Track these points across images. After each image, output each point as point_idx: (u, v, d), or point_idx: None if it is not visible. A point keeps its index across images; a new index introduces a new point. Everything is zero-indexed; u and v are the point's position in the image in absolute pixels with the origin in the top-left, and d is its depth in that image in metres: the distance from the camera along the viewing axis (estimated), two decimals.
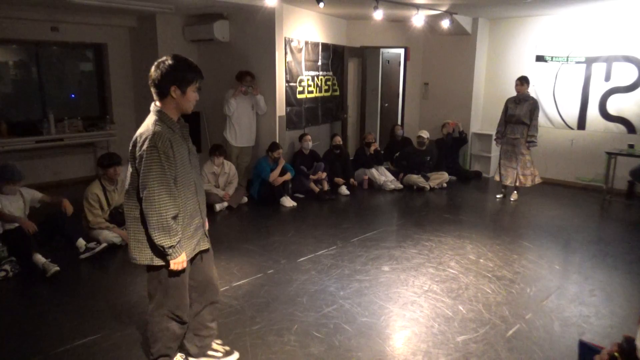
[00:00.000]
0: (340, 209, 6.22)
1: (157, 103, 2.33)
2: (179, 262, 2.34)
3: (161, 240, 2.25)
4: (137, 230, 2.36)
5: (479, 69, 7.94)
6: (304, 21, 6.95)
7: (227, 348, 2.84)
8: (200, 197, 2.51)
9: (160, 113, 2.31)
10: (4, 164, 4.24)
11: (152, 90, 2.32)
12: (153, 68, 2.29)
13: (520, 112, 6.14)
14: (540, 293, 3.78)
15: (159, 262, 2.37)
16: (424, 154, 7.22)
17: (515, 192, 6.49)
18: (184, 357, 2.75)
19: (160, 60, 2.30)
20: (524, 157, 6.22)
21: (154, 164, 2.20)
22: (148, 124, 2.29)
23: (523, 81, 6.16)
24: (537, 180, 6.34)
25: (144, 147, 2.21)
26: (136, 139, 2.28)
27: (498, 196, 6.63)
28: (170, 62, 2.27)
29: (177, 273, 2.42)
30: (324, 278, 3.98)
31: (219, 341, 2.86)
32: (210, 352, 2.78)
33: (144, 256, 2.38)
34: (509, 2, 6.19)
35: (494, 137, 6.66)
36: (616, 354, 1.47)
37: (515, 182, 6.32)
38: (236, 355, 2.83)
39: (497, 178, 6.61)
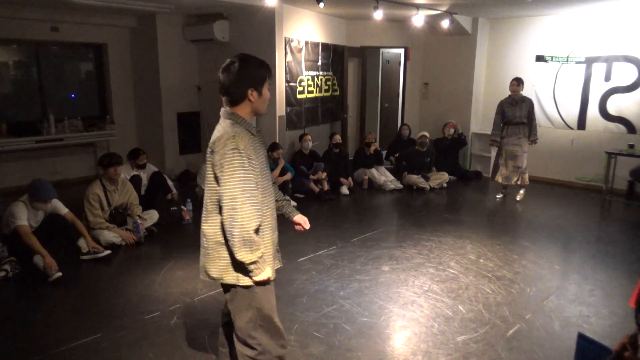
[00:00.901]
0: (340, 209, 6.22)
1: (229, 109, 2.08)
2: (263, 277, 2.06)
3: (242, 255, 1.99)
4: (218, 248, 2.11)
5: (479, 69, 7.94)
6: (304, 21, 6.96)
7: None
8: (275, 210, 2.29)
9: (235, 116, 2.06)
10: (37, 181, 4.16)
11: (225, 97, 2.07)
12: (223, 74, 2.04)
13: (520, 113, 6.19)
14: (540, 293, 3.78)
15: (244, 281, 2.10)
16: (425, 155, 7.21)
17: (521, 190, 6.48)
18: None
19: (227, 63, 2.04)
20: (526, 155, 6.27)
21: (237, 168, 1.95)
22: (225, 127, 2.03)
23: (520, 82, 6.20)
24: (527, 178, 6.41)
25: (225, 149, 1.96)
26: (214, 143, 2.02)
27: (498, 196, 6.62)
28: (239, 63, 2.02)
29: (266, 294, 2.16)
30: (324, 278, 3.98)
31: None
32: None
33: (229, 275, 2.11)
34: (509, 2, 6.19)
35: (490, 140, 6.54)
36: (628, 346, 1.52)
37: (518, 180, 6.31)
38: None
39: (499, 179, 6.49)
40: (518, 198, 6.47)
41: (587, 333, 3.16)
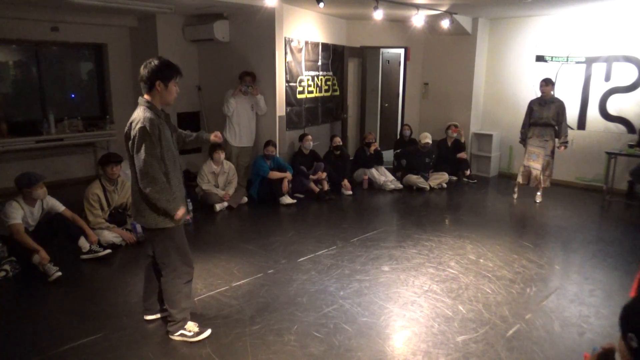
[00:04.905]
0: (340, 209, 6.22)
1: (146, 96, 2.81)
2: (180, 214, 2.83)
3: (153, 197, 2.73)
4: (136, 201, 2.84)
5: (479, 69, 7.94)
6: (304, 21, 6.95)
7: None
8: (179, 173, 2.96)
9: (148, 103, 2.78)
10: (20, 174, 4.16)
11: (142, 85, 2.81)
12: (142, 68, 2.78)
13: (548, 114, 6.06)
14: (540, 293, 3.78)
15: (164, 224, 2.83)
16: (425, 155, 7.21)
17: (538, 193, 6.41)
18: (197, 325, 3.06)
19: (147, 61, 2.78)
20: (549, 159, 6.17)
21: (145, 141, 2.66)
22: (138, 112, 2.75)
23: (548, 82, 6.08)
24: (549, 181, 6.32)
25: (136, 129, 2.67)
26: (130, 124, 2.74)
27: (515, 196, 6.60)
28: (155, 62, 2.77)
29: (180, 232, 2.93)
30: (324, 278, 3.98)
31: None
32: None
33: (150, 221, 2.83)
34: (509, 2, 6.19)
35: (519, 139, 6.47)
36: None
37: (538, 183, 6.22)
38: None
39: (519, 179, 6.44)
40: (537, 200, 6.40)
41: (587, 333, 3.18)
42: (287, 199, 6.19)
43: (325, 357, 2.86)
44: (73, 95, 7.52)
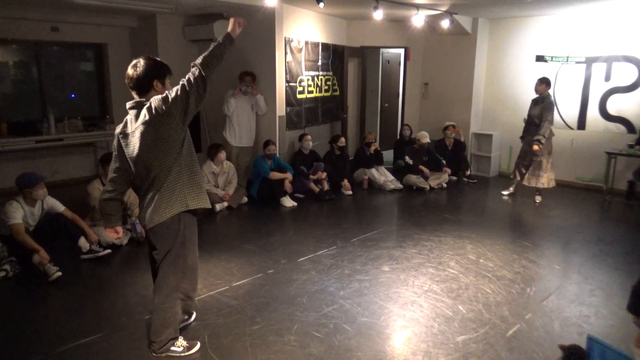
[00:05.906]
0: (340, 209, 6.22)
1: (141, 99, 2.55)
2: (234, 22, 2.70)
3: (222, 46, 2.64)
4: (168, 192, 2.60)
5: (479, 69, 7.94)
6: (304, 21, 6.95)
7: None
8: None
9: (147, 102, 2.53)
10: (22, 173, 4.17)
11: (134, 89, 2.54)
12: (130, 70, 2.52)
13: (535, 112, 6.12)
14: (540, 293, 3.78)
15: (179, 207, 2.61)
16: (422, 154, 7.21)
17: (537, 194, 6.45)
18: (186, 342, 2.90)
19: (133, 62, 2.54)
20: (537, 158, 6.16)
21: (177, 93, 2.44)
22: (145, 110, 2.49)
23: (542, 81, 6.06)
24: (552, 183, 6.28)
25: (162, 100, 2.45)
26: (150, 114, 2.46)
27: (504, 192, 6.70)
28: (146, 61, 2.53)
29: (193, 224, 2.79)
30: (324, 278, 3.98)
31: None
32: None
33: (166, 212, 2.60)
34: (509, 2, 6.19)
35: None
36: None
37: (529, 182, 6.26)
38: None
39: (512, 176, 6.70)
40: (537, 200, 6.44)
41: (587, 333, 3.17)
42: (288, 201, 6.18)
43: (325, 357, 2.86)
44: (73, 95, 7.52)
